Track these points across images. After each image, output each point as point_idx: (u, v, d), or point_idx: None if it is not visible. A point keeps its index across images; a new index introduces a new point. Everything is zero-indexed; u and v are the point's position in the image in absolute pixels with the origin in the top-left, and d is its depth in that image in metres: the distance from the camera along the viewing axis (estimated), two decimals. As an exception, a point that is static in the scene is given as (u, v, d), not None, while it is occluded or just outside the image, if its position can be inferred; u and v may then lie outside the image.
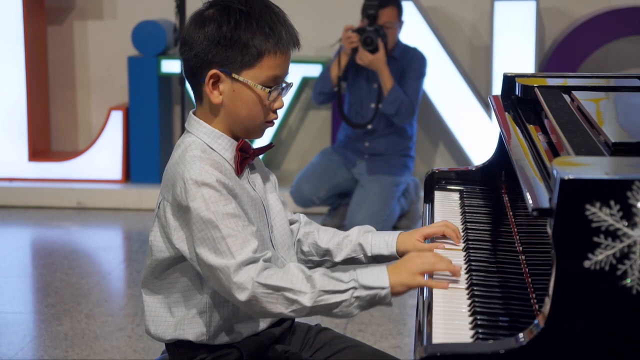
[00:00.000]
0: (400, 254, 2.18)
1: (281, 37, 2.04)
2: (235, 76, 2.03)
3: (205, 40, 2.01)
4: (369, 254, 2.21)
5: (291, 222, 2.27)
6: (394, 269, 1.96)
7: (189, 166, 1.98)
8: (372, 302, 1.93)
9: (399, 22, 5.38)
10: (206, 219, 1.94)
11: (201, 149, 2.03)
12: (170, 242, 2.02)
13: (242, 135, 2.09)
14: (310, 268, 2.06)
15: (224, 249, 1.93)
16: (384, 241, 2.20)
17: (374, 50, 5.20)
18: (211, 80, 2.03)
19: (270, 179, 2.20)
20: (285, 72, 2.07)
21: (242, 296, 1.91)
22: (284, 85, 2.07)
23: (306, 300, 1.91)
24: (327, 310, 1.93)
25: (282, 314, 1.93)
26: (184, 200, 1.96)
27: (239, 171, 2.06)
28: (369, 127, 5.37)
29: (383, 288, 1.92)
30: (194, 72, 2.05)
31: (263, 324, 2.12)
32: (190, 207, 1.95)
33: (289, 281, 1.92)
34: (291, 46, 2.06)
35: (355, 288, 1.92)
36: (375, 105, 5.34)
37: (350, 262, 2.24)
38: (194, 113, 2.10)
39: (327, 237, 2.24)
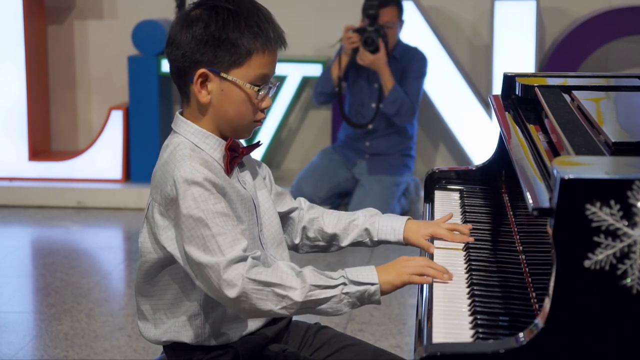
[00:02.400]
0: (407, 242, 2.21)
1: (269, 36, 2.04)
2: (224, 75, 2.02)
3: (193, 40, 2.01)
4: (375, 239, 2.23)
5: (292, 210, 2.27)
6: (383, 268, 1.98)
7: (179, 165, 1.98)
8: (361, 298, 1.95)
9: (400, 22, 5.38)
10: (196, 217, 1.93)
11: (190, 148, 2.03)
12: (158, 242, 2.02)
13: (230, 135, 2.08)
14: (316, 253, 2.14)
15: (213, 247, 1.93)
16: (391, 227, 2.22)
17: (374, 50, 5.20)
18: (199, 80, 2.02)
19: (260, 173, 2.19)
20: (273, 72, 2.08)
21: (231, 293, 1.90)
22: (271, 84, 2.08)
23: (297, 296, 1.91)
24: (316, 305, 1.93)
25: (271, 311, 1.93)
26: (174, 198, 1.96)
27: (228, 170, 2.06)
28: (370, 126, 5.37)
29: (372, 284, 1.94)
30: (181, 72, 2.05)
31: (259, 323, 2.11)
32: (179, 205, 1.94)
33: (279, 277, 1.92)
34: (278, 45, 2.07)
35: (344, 284, 1.94)
36: (375, 105, 5.34)
37: (357, 245, 2.27)
38: (181, 114, 2.10)
39: (333, 222, 2.25)
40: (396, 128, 5.40)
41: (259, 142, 2.21)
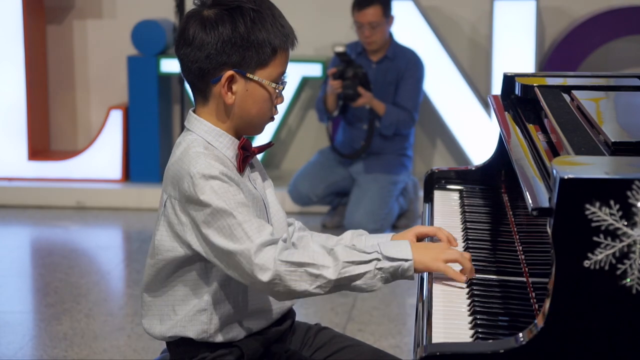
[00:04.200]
0: None
1: (288, 34, 2.06)
2: (250, 76, 2.03)
3: (219, 41, 2.00)
4: None
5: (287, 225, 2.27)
6: (418, 247, 1.98)
7: (194, 162, 1.98)
8: (394, 274, 1.95)
9: (387, 19, 5.34)
10: (219, 208, 1.93)
11: (204, 146, 2.03)
12: (180, 239, 2.02)
13: (245, 133, 2.09)
14: None
15: (240, 234, 1.93)
16: (377, 241, 2.20)
17: (357, 96, 5.20)
18: (227, 82, 2.02)
19: (268, 178, 2.20)
20: (286, 68, 2.09)
21: (265, 276, 1.90)
22: (286, 80, 2.09)
23: (330, 274, 1.91)
24: (350, 282, 1.93)
25: (306, 291, 1.93)
26: (193, 194, 1.95)
27: (241, 169, 2.06)
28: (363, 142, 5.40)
29: (406, 260, 1.94)
30: (203, 72, 2.03)
31: (264, 322, 2.11)
32: (201, 200, 1.94)
33: (311, 257, 1.93)
34: (293, 43, 2.08)
35: (378, 259, 1.94)
36: (367, 126, 5.36)
37: None
38: (194, 111, 2.10)
39: (321, 241, 2.24)
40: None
41: (271, 142, 2.22)
